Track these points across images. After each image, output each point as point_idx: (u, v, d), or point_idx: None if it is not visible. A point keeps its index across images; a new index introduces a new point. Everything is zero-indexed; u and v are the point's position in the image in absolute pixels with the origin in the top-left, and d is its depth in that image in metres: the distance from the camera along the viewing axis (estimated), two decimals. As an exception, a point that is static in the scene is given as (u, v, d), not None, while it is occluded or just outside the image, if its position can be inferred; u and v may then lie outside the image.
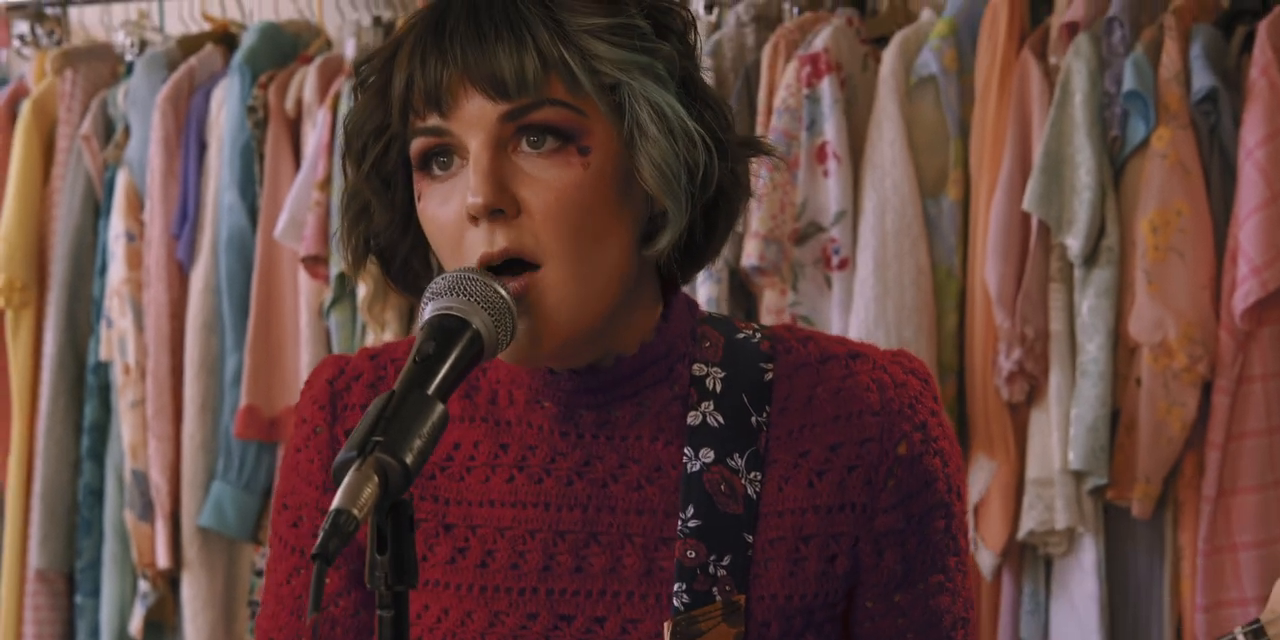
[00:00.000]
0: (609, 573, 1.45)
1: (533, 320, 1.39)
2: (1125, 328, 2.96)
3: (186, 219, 3.64)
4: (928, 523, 1.46)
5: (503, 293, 1.38)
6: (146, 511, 3.64)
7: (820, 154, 3.15)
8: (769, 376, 1.48)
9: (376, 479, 1.25)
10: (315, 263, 3.47)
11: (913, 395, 1.47)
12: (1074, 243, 2.98)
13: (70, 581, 3.79)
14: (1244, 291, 2.88)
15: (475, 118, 1.39)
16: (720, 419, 1.46)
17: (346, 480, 1.25)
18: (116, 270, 3.68)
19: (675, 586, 1.44)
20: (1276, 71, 2.92)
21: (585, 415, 1.47)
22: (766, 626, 1.44)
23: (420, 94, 1.40)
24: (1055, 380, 3.00)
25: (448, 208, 1.40)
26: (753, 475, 1.45)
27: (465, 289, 1.38)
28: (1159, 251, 2.94)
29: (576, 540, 1.46)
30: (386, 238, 1.46)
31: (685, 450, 1.45)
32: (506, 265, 1.39)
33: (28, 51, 4.03)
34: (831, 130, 3.13)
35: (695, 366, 1.48)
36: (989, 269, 3.03)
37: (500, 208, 1.38)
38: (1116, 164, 3.01)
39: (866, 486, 1.45)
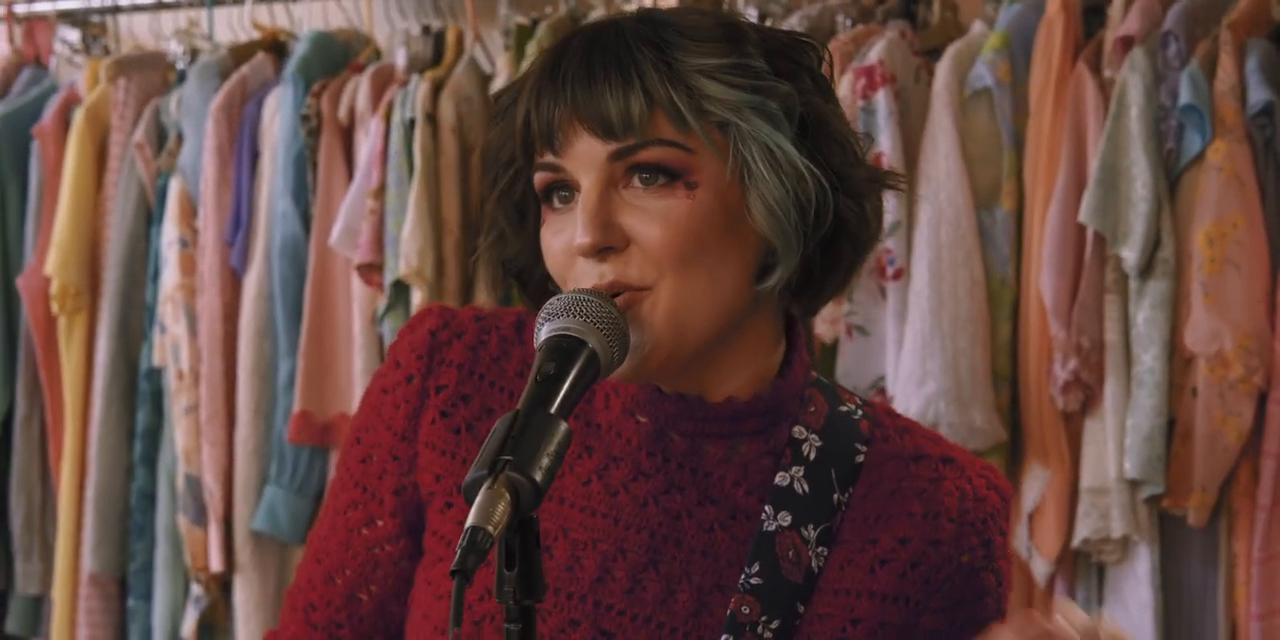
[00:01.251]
0: (660, 603, 1.48)
1: (640, 333, 1.42)
2: (1180, 339, 2.98)
3: (240, 226, 3.66)
4: (968, 627, 1.51)
5: (615, 310, 1.41)
6: (200, 516, 3.67)
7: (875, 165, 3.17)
8: (860, 458, 1.52)
9: (509, 497, 1.28)
10: (370, 270, 3.49)
11: (989, 511, 1.52)
12: (1130, 254, 3.00)
13: (123, 585, 3.82)
14: (1299, 304, 2.91)
15: (585, 156, 1.43)
16: (806, 487, 1.50)
17: (480, 498, 1.28)
18: (170, 276, 3.71)
19: (723, 637, 1.47)
20: (1331, 85, 2.95)
21: (677, 442, 1.50)
22: None
23: (537, 132, 1.44)
24: (1111, 390, 3.02)
25: (560, 239, 1.45)
26: (820, 550, 1.49)
27: (581, 310, 1.41)
28: (1215, 264, 2.96)
29: (637, 562, 1.48)
30: (520, 262, 1.51)
31: (766, 508, 1.49)
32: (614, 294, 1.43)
33: (78, 59, 4.06)
34: (887, 142, 3.16)
35: (796, 429, 1.51)
36: (1044, 280, 3.05)
37: (608, 245, 1.42)
38: (1172, 177, 3.04)
39: (924, 584, 1.49)
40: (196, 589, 3.68)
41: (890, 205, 3.16)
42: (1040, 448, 3.09)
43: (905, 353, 3.09)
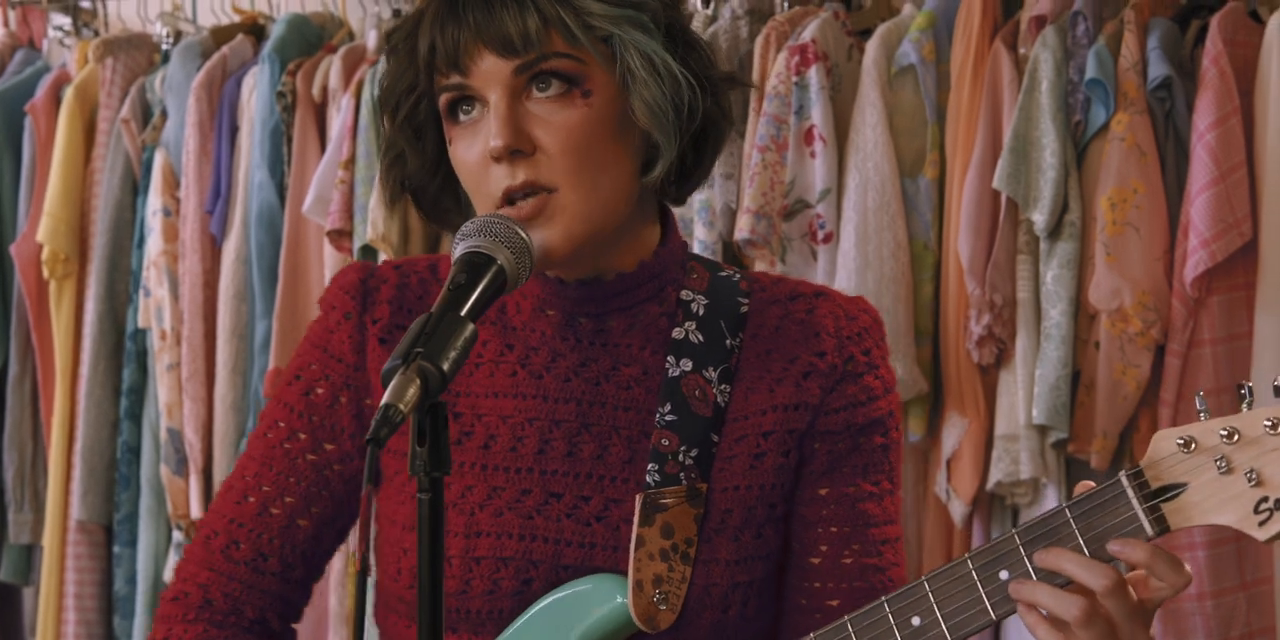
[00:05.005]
0: (596, 458, 1.68)
1: (549, 231, 1.62)
2: (1085, 296, 3.21)
3: (219, 196, 3.86)
4: (864, 433, 1.70)
5: (523, 234, 1.62)
6: (181, 467, 3.87)
7: (808, 137, 3.40)
8: (744, 309, 1.73)
9: (419, 381, 1.47)
10: (340, 236, 3.70)
11: (862, 326, 1.72)
12: (1039, 218, 3.23)
13: (109, 532, 4.01)
14: (1194, 262, 3.13)
15: (490, 74, 1.63)
16: (700, 337, 1.71)
17: (394, 382, 1.46)
18: (154, 243, 3.89)
19: (649, 466, 1.67)
20: (1226, 62, 3.17)
21: (584, 323, 1.70)
22: (730, 513, 1.67)
23: (442, 56, 1.63)
24: (1021, 344, 3.25)
25: (473, 151, 1.64)
26: (723, 387, 1.69)
27: (491, 231, 1.62)
28: (1117, 226, 3.19)
29: (570, 429, 1.69)
30: (418, 179, 1.71)
31: (668, 359, 1.69)
32: (525, 193, 1.62)
33: (69, 41, 4.26)
34: (818, 115, 3.38)
35: (683, 292, 1.72)
36: (961, 242, 3.28)
37: (519, 148, 1.62)
38: (1079, 146, 3.26)
39: (818, 391, 1.69)
40: (178, 535, 3.88)
41: (820, 173, 3.38)
42: (958, 398, 3.32)
43: (833, 309, 3.31)
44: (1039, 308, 3.25)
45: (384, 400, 1.45)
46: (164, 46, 4.07)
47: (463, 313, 1.55)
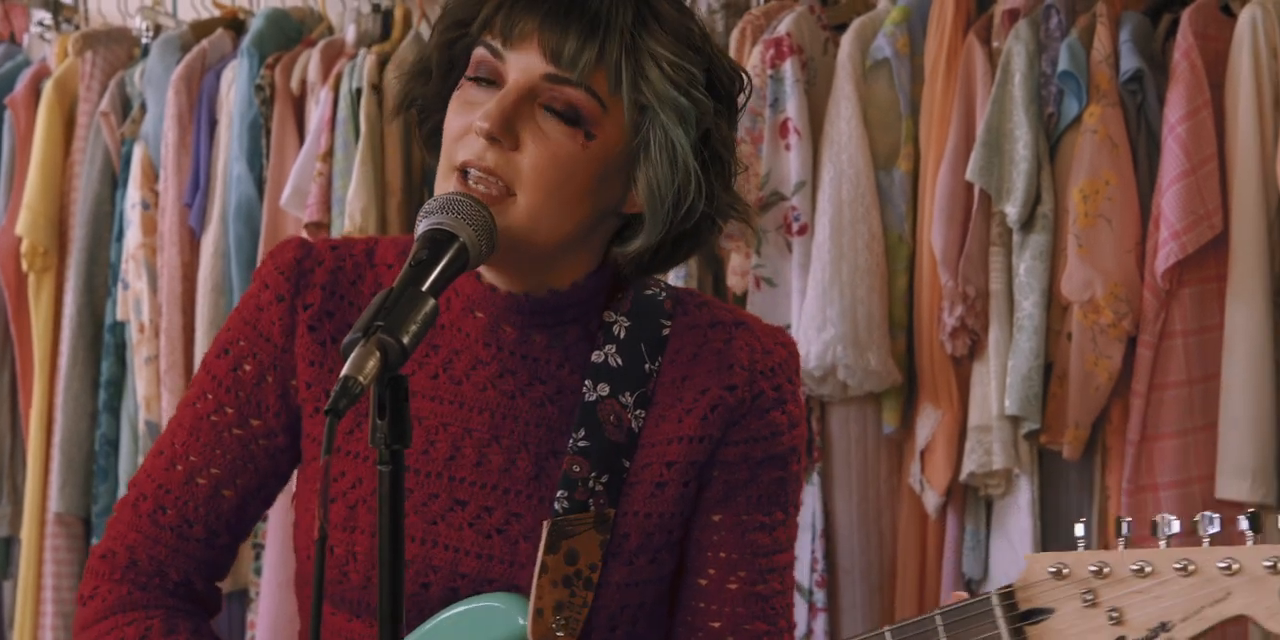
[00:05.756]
0: (504, 471, 1.71)
1: (503, 218, 1.62)
2: (1058, 287, 3.23)
3: (198, 189, 3.88)
4: (763, 467, 1.73)
5: (486, 212, 1.63)
6: (159, 460, 3.88)
7: (783, 129, 3.42)
8: (666, 331, 1.74)
9: (379, 354, 1.47)
10: (317, 228, 3.72)
11: (776, 362, 1.74)
12: (1012, 210, 3.25)
13: (87, 525, 4.03)
14: (1165, 254, 3.15)
15: (526, 62, 1.63)
16: (620, 361, 1.73)
17: (354, 354, 1.47)
18: (132, 236, 3.92)
19: (558, 493, 1.69)
20: (1197, 55, 3.19)
21: (508, 332, 1.72)
22: (626, 538, 1.70)
23: (500, 21, 1.64)
24: (994, 335, 3.27)
25: (463, 116, 1.65)
26: (638, 412, 1.72)
27: (455, 209, 1.63)
28: (1089, 218, 3.21)
29: (481, 439, 1.71)
30: (427, 103, 1.71)
31: (585, 382, 1.71)
32: (484, 174, 1.63)
33: (49, 36, 4.28)
34: (793, 108, 3.40)
35: (606, 313, 1.74)
36: (935, 233, 3.30)
37: (500, 139, 1.62)
38: (1052, 138, 3.29)
39: (722, 423, 1.71)
40: (155, 528, 3.90)
41: (795, 166, 3.40)
42: (932, 390, 3.34)
43: (807, 301, 3.33)
44: (1012, 299, 3.27)
45: (344, 372, 1.46)
46: (143, 40, 4.10)
47: (424, 288, 1.55)
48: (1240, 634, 3.17)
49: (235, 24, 4.06)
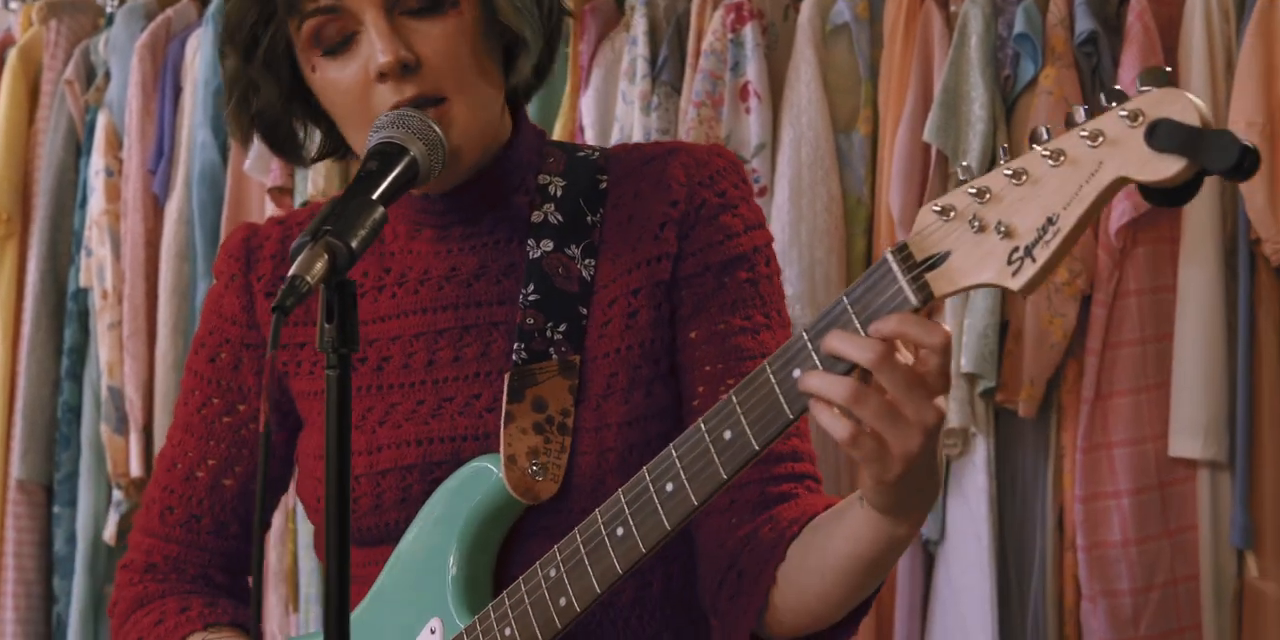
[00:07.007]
0: (481, 357, 1.71)
1: (450, 137, 1.64)
2: (1014, 247, 3.25)
3: (162, 155, 3.90)
4: (726, 271, 1.71)
5: (436, 129, 1.65)
6: (121, 425, 3.90)
7: (743, 93, 3.45)
8: (603, 185, 1.75)
9: (327, 256, 1.48)
10: (281, 193, 3.74)
11: (714, 169, 1.73)
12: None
13: (49, 492, 4.04)
14: (1119, 212, 3.18)
15: None
16: (560, 218, 1.73)
17: (301, 256, 1.48)
18: (96, 203, 3.93)
19: (515, 345, 1.69)
20: (1150, 18, 3.23)
21: (456, 230, 1.73)
22: (615, 377, 1.69)
23: None
24: (951, 294, 3.29)
25: (347, 72, 1.66)
26: (587, 262, 1.72)
27: (404, 124, 1.64)
28: (1044, 178, 3.23)
29: (453, 335, 1.72)
30: (271, 114, 1.71)
31: (528, 242, 1.72)
32: (416, 106, 1.64)
33: (14, 5, 4.29)
34: (753, 71, 3.43)
35: (540, 176, 1.75)
36: (892, 194, 3.33)
37: (406, 62, 1.64)
38: (1008, 100, 3.32)
39: (675, 239, 1.70)
40: (118, 494, 3.91)
41: (755, 129, 3.43)
42: (890, 350, 3.36)
43: (766, 261, 3.36)
44: (968, 259, 3.29)
45: (291, 272, 1.47)
46: (108, 9, 4.11)
47: (374, 196, 1.56)
48: (1191, 592, 3.20)
49: (201, -6, 4.08)
